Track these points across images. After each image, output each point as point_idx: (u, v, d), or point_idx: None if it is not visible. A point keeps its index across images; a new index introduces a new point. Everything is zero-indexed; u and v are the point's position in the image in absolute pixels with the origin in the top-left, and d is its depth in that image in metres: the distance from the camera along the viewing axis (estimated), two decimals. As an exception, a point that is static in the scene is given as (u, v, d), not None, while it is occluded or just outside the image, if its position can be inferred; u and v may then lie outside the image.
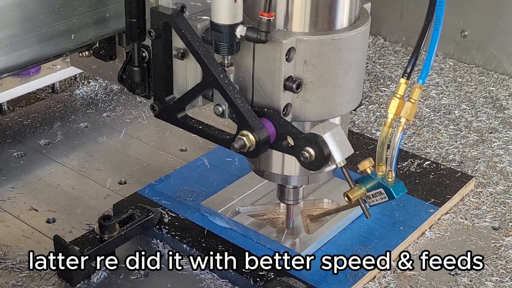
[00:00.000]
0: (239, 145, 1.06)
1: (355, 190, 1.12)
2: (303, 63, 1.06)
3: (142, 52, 1.16)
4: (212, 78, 1.06)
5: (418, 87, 1.10)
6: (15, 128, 1.71)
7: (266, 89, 1.07)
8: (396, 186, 1.13)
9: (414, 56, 1.10)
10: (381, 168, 1.13)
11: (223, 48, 1.04)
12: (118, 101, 1.85)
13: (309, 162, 1.04)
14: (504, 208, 1.46)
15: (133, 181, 1.53)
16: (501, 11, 2.04)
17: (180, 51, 1.11)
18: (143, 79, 1.18)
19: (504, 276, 1.28)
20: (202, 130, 1.14)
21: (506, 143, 1.71)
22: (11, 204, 1.44)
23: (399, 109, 1.11)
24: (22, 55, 1.09)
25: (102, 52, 1.24)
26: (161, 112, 1.16)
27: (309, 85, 1.07)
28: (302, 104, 1.09)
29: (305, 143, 1.04)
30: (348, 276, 1.23)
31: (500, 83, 2.01)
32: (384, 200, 1.14)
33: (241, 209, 1.37)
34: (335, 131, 1.04)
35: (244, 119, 1.06)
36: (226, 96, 1.06)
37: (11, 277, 1.25)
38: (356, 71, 1.10)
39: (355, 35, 1.07)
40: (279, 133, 1.07)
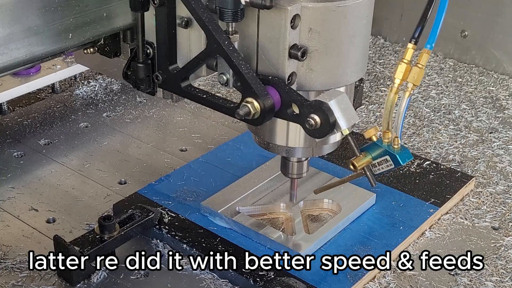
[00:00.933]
0: (244, 112, 1.05)
1: (361, 158, 1.11)
2: (308, 30, 1.05)
3: (146, 48, 1.17)
4: (216, 45, 1.05)
5: (425, 52, 1.10)
6: (15, 128, 1.71)
7: (271, 57, 1.07)
8: (402, 152, 1.12)
9: (422, 21, 1.09)
10: (387, 135, 1.12)
11: (227, 14, 1.04)
12: (118, 101, 1.85)
13: (314, 129, 1.04)
14: (504, 208, 1.46)
15: (133, 181, 1.53)
16: (501, 11, 2.04)
17: (184, 19, 1.11)
18: (147, 75, 1.19)
19: (504, 276, 1.28)
20: (206, 99, 1.13)
21: (506, 143, 1.71)
22: (11, 204, 1.44)
23: (406, 74, 1.10)
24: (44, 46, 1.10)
25: (107, 48, 1.25)
26: (164, 81, 1.16)
27: (314, 54, 1.07)
28: (307, 73, 1.08)
29: (310, 110, 1.03)
30: (348, 276, 1.23)
31: (500, 83, 2.01)
32: (390, 168, 1.13)
33: (241, 209, 1.37)
34: (341, 99, 1.03)
35: (249, 85, 1.05)
36: (231, 63, 1.06)
37: (11, 277, 1.25)
38: (361, 40, 1.10)
39: (360, 3, 1.07)
40: (284, 101, 1.06)
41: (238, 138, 1.65)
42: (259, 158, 1.55)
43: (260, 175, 1.47)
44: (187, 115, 1.80)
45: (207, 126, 1.75)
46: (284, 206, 1.40)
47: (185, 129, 1.74)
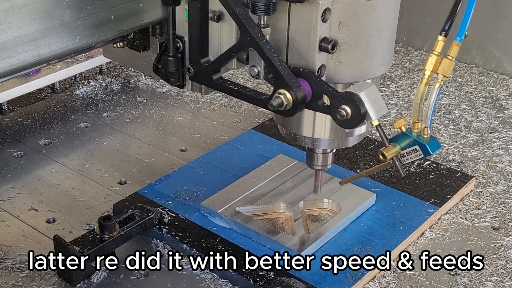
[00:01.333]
0: (277, 103, 1.07)
1: (390, 148, 1.14)
2: (338, 24, 1.07)
3: (176, 42, 1.20)
4: (249, 37, 1.08)
5: (455, 44, 1.12)
6: (15, 128, 1.71)
7: (301, 50, 1.09)
8: (432, 142, 1.14)
9: (452, 14, 1.11)
10: (417, 125, 1.14)
11: (260, 8, 1.06)
12: (118, 101, 1.85)
13: (345, 120, 1.06)
14: (504, 208, 1.46)
15: (133, 181, 1.53)
16: (501, 11, 2.04)
17: (216, 13, 1.14)
18: (177, 69, 1.22)
19: (504, 276, 1.28)
20: (237, 91, 1.15)
21: (506, 143, 1.71)
22: (11, 204, 1.44)
23: (436, 65, 1.13)
24: (51, 48, 1.12)
25: (136, 43, 1.27)
26: (196, 74, 1.18)
27: (343, 46, 1.09)
28: (336, 65, 1.10)
29: (341, 101, 1.05)
30: (348, 276, 1.23)
31: (500, 83, 2.01)
32: (419, 157, 1.14)
33: (241, 209, 1.37)
34: (371, 90, 1.05)
35: (282, 77, 1.07)
36: (264, 55, 1.08)
37: (11, 277, 1.25)
38: (388, 33, 1.12)
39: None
40: (315, 92, 1.08)
41: (238, 138, 1.65)
42: (259, 158, 1.55)
43: (260, 175, 1.47)
44: (187, 115, 1.80)
45: (207, 126, 1.75)
46: (284, 206, 1.40)
47: (185, 129, 1.74)
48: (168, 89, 1.91)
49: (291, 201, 1.40)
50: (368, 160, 1.55)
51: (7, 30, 1.05)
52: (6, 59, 1.06)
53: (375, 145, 1.62)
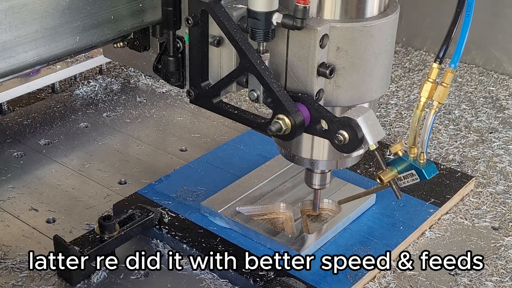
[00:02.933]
0: (275, 128, 1.09)
1: (387, 172, 1.16)
2: (335, 49, 1.09)
3: (177, 42, 1.21)
4: (249, 63, 1.09)
5: (450, 71, 1.16)
6: (15, 128, 1.71)
7: (300, 75, 1.10)
8: (428, 167, 1.17)
9: (446, 41, 1.14)
10: (413, 150, 1.17)
11: (259, 34, 1.08)
12: (118, 101, 1.85)
13: (343, 145, 1.07)
14: (504, 208, 1.46)
15: (133, 181, 1.53)
16: (501, 11, 2.04)
17: (216, 38, 1.15)
18: (177, 69, 1.22)
19: (504, 276, 1.28)
20: (237, 114, 1.17)
21: (506, 143, 1.71)
22: (11, 204, 1.44)
23: (431, 92, 1.16)
24: (51, 49, 1.12)
25: (136, 43, 1.28)
26: (196, 97, 1.19)
27: (341, 71, 1.10)
28: (334, 89, 1.12)
29: (339, 127, 1.07)
30: (348, 276, 1.23)
31: (500, 83, 2.01)
32: (416, 181, 1.17)
33: (241, 209, 1.37)
34: (368, 115, 1.07)
35: (280, 103, 1.08)
36: (263, 81, 1.09)
37: (11, 277, 1.25)
38: (385, 57, 1.13)
39: (385, 23, 1.10)
40: (314, 117, 1.10)
41: (238, 138, 1.65)
42: (259, 158, 1.55)
43: (260, 175, 1.47)
44: (187, 115, 1.80)
45: (207, 126, 1.76)
46: (284, 206, 1.40)
47: (185, 129, 1.74)
48: (168, 89, 1.91)
49: (291, 201, 1.40)
50: (368, 161, 1.55)
51: (7, 30, 1.05)
52: (6, 59, 1.06)
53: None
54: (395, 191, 1.16)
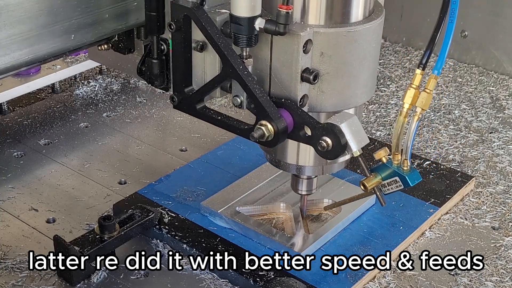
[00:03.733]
0: (258, 134, 1.08)
1: (371, 178, 1.15)
2: (319, 54, 1.08)
3: (161, 45, 1.20)
4: (231, 69, 1.08)
5: (433, 78, 1.15)
6: (15, 128, 1.71)
7: (283, 80, 1.10)
8: (412, 174, 1.16)
9: (429, 47, 1.13)
10: (397, 157, 1.16)
11: (242, 40, 1.07)
12: (118, 101, 1.85)
13: (326, 151, 1.07)
14: (504, 208, 1.46)
15: (133, 181, 1.53)
16: (501, 11, 2.04)
17: (199, 43, 1.14)
18: (162, 71, 1.21)
19: (504, 276, 1.28)
20: (220, 120, 1.16)
21: (506, 143, 1.71)
22: (11, 204, 1.44)
23: (414, 99, 1.15)
24: (46, 47, 1.12)
25: (121, 45, 1.27)
26: (180, 103, 1.19)
27: (325, 76, 1.09)
28: (318, 95, 1.11)
29: (322, 133, 1.06)
30: (348, 276, 1.23)
31: (500, 83, 2.01)
32: (399, 188, 1.17)
33: (241, 209, 1.37)
34: (351, 121, 1.06)
35: (263, 109, 1.08)
36: (245, 87, 1.09)
37: (11, 277, 1.25)
38: (370, 62, 1.13)
39: (370, 28, 1.10)
40: (297, 123, 1.09)
41: (238, 138, 1.65)
42: (259, 158, 1.55)
43: (260, 175, 1.47)
44: (187, 115, 1.79)
45: (207, 126, 1.75)
46: (284, 206, 1.40)
47: (185, 129, 1.74)
48: (168, 89, 1.91)
49: (291, 201, 1.40)
50: (367, 160, 1.55)
51: (1, 28, 1.05)
52: (1, 57, 1.06)
53: (375, 145, 1.62)
54: (379, 198, 1.16)
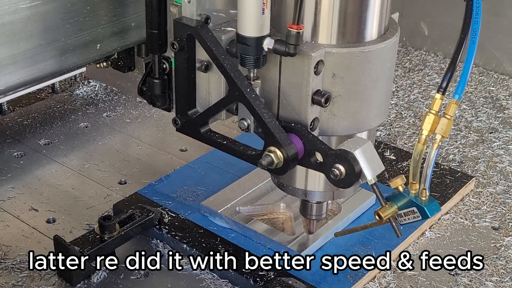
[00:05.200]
0: (266, 162, 1.03)
1: (387, 208, 1.09)
2: (331, 76, 1.03)
3: (163, 63, 1.14)
4: (238, 92, 1.03)
5: (454, 103, 1.07)
6: (15, 128, 1.71)
7: (293, 103, 1.04)
8: (430, 204, 1.09)
9: (450, 70, 1.07)
10: (414, 186, 1.08)
11: (249, 61, 1.01)
12: (118, 101, 1.85)
13: (339, 179, 1.01)
14: (504, 208, 1.46)
15: (133, 181, 1.53)
16: (501, 11, 2.04)
17: (204, 63, 1.08)
18: (163, 91, 1.15)
19: (504, 276, 1.28)
20: (226, 145, 1.11)
21: (506, 143, 1.71)
22: (11, 204, 1.44)
23: (434, 125, 1.07)
24: (46, 66, 1.08)
25: (120, 63, 1.22)
26: (183, 126, 1.13)
27: (337, 99, 1.04)
28: (330, 118, 1.06)
29: (335, 160, 1.00)
30: (348, 276, 1.23)
31: (500, 83, 2.01)
32: (417, 219, 1.10)
33: (241, 209, 1.37)
34: (366, 147, 1.00)
35: (272, 134, 1.02)
36: (253, 111, 1.03)
37: (11, 277, 1.25)
38: (384, 83, 1.07)
39: (384, 47, 1.04)
40: (308, 149, 1.03)
41: (238, 138, 1.64)
42: (259, 158, 1.55)
43: (260, 175, 1.47)
44: (187, 115, 1.80)
45: (207, 126, 1.75)
46: (284, 206, 1.40)
47: (185, 129, 1.74)
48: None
49: (291, 201, 1.40)
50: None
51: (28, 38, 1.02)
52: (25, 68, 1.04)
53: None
54: (395, 229, 1.09)
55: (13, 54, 1.04)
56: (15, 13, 1.02)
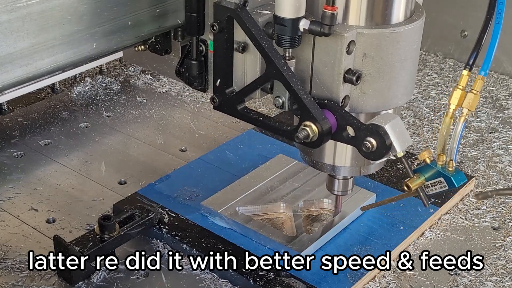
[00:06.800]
0: (303, 135, 1.08)
1: (415, 179, 1.14)
2: (362, 55, 1.08)
3: (200, 46, 1.20)
4: (275, 70, 1.08)
5: (480, 79, 1.16)
6: (15, 128, 1.71)
7: (325, 81, 1.09)
8: (457, 175, 1.15)
9: (476, 48, 1.14)
10: (442, 157, 1.16)
11: (285, 41, 1.07)
12: (118, 101, 1.85)
13: (371, 152, 1.06)
14: (504, 208, 1.46)
15: (133, 181, 1.53)
16: (501, 11, 2.04)
17: (241, 44, 1.14)
18: (200, 73, 1.22)
19: (504, 276, 1.28)
20: (262, 121, 1.16)
21: (506, 143, 1.71)
22: (11, 204, 1.44)
23: (461, 100, 1.16)
24: (90, 48, 1.12)
25: (158, 46, 1.27)
26: (221, 104, 1.18)
27: (367, 77, 1.09)
28: (360, 96, 1.11)
29: (366, 134, 1.06)
30: (348, 276, 1.23)
31: (500, 83, 2.01)
32: (444, 189, 1.15)
33: (241, 209, 1.37)
34: (395, 122, 1.06)
35: (308, 110, 1.08)
36: (289, 88, 1.08)
37: (11, 277, 1.25)
38: (410, 64, 1.12)
39: (412, 29, 1.10)
40: (340, 124, 1.09)
41: (238, 138, 1.65)
42: (259, 158, 1.55)
43: (260, 175, 1.47)
44: (187, 115, 1.80)
45: (207, 126, 1.75)
46: (284, 206, 1.40)
47: (185, 129, 1.74)
48: (168, 89, 1.91)
49: (291, 201, 1.40)
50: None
51: (24, 37, 1.03)
52: (23, 67, 1.05)
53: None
54: (422, 199, 1.14)
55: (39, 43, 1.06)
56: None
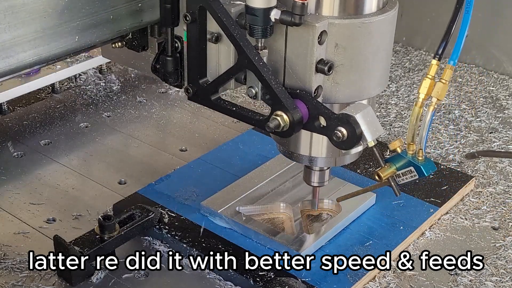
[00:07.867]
0: (274, 124, 1.09)
1: (386, 168, 1.16)
2: (334, 46, 1.08)
3: (175, 42, 1.21)
4: (247, 60, 1.09)
5: (449, 68, 1.16)
6: (15, 128, 1.71)
7: (298, 71, 1.10)
8: (427, 164, 1.17)
9: (445, 38, 1.14)
10: (412, 147, 1.17)
11: (257, 31, 1.08)
12: (118, 101, 1.85)
13: (341, 141, 1.07)
14: (504, 208, 1.46)
15: (133, 181, 1.53)
16: (501, 11, 2.04)
17: (214, 35, 1.14)
18: (176, 69, 1.22)
19: (504, 276, 1.28)
20: (235, 111, 1.16)
21: (506, 143, 1.71)
22: (11, 204, 1.44)
23: (430, 89, 1.17)
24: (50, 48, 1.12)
25: (134, 43, 1.28)
26: (195, 94, 1.19)
27: (339, 68, 1.10)
28: (332, 86, 1.11)
29: (337, 123, 1.07)
30: (348, 276, 1.23)
31: (500, 83, 2.01)
32: (414, 178, 1.17)
33: (241, 209, 1.37)
34: (366, 112, 1.07)
35: (279, 99, 1.08)
36: (261, 78, 1.09)
37: (11, 277, 1.25)
38: (384, 54, 1.13)
39: (384, 19, 1.10)
40: (312, 114, 1.09)
41: (238, 138, 1.65)
42: (259, 158, 1.55)
43: (260, 175, 1.47)
44: (187, 115, 1.80)
45: (207, 126, 1.76)
46: (284, 206, 1.40)
47: (185, 129, 1.74)
48: (167, 89, 1.91)
49: (291, 201, 1.40)
50: (368, 160, 1.55)
51: (6, 29, 1.05)
52: (5, 59, 1.06)
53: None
54: (393, 188, 1.16)
55: (20, 35, 1.07)
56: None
